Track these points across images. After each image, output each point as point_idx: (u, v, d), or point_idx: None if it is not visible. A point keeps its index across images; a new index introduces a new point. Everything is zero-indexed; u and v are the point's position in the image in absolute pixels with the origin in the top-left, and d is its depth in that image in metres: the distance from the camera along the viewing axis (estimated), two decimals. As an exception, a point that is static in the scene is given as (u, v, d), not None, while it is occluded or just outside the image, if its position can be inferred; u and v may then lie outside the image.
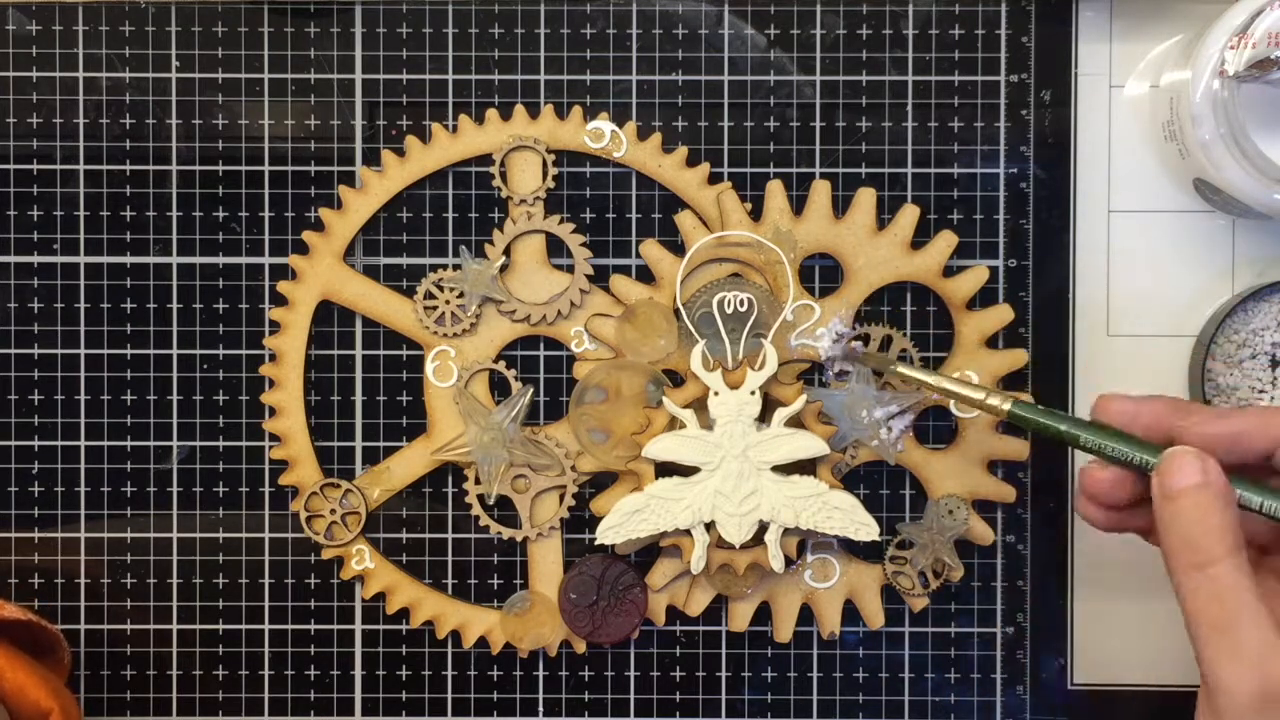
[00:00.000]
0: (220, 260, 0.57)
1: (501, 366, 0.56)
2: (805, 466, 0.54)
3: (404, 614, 0.57)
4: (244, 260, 0.57)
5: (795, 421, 0.54)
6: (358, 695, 0.57)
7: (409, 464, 0.57)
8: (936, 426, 0.56)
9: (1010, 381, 0.56)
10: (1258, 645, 0.42)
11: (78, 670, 0.57)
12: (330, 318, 0.57)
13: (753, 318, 0.55)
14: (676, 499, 0.54)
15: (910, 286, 0.56)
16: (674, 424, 0.54)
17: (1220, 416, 0.47)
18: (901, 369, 0.53)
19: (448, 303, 0.56)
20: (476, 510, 0.56)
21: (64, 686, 0.53)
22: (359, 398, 0.57)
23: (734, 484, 0.53)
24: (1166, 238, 0.57)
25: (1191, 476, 0.45)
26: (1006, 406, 0.50)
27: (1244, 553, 0.44)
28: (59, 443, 0.57)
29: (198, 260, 0.57)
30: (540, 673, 0.57)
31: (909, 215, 0.55)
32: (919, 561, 0.55)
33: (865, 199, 0.55)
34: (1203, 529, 0.44)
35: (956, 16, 0.56)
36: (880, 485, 0.57)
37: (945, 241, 0.55)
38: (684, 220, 0.56)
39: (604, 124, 0.56)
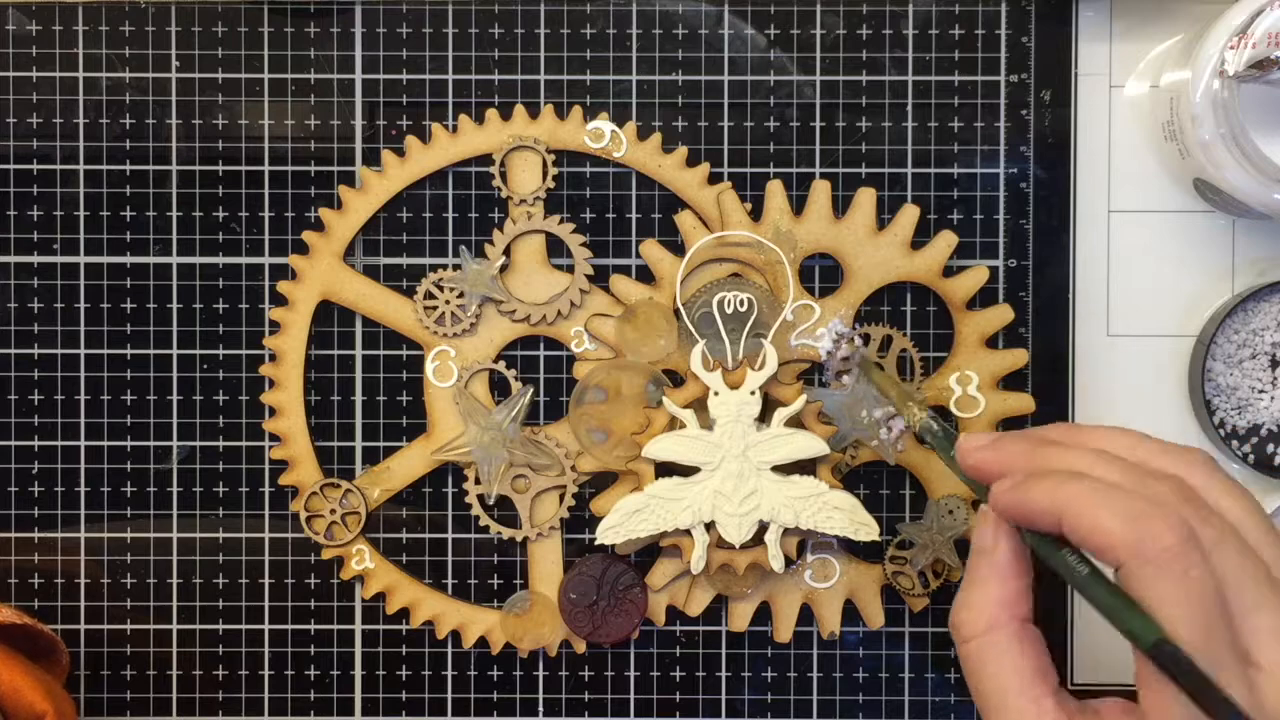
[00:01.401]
0: (220, 260, 0.57)
1: (501, 366, 0.56)
2: (805, 466, 0.54)
3: (404, 614, 0.57)
4: (244, 260, 0.57)
5: (795, 421, 0.54)
6: (358, 695, 0.57)
7: (409, 464, 0.57)
8: (936, 426, 0.56)
9: (1010, 381, 0.56)
10: None
11: (77, 670, 0.57)
12: (330, 318, 0.57)
13: (753, 318, 0.55)
14: (676, 499, 0.54)
15: (910, 286, 0.56)
16: (674, 424, 0.54)
17: (1014, 487, 0.42)
18: (875, 376, 0.53)
19: (448, 303, 0.56)
20: (476, 510, 0.56)
21: (60, 688, 0.53)
22: (359, 398, 0.57)
23: (734, 484, 0.53)
24: (1166, 238, 0.57)
25: (980, 539, 0.43)
26: (920, 415, 0.50)
27: (1012, 625, 0.42)
28: (59, 443, 0.57)
29: (198, 260, 0.57)
30: (540, 673, 0.57)
31: (909, 215, 0.55)
32: (919, 561, 0.55)
33: (865, 199, 0.55)
34: (972, 599, 0.42)
35: (956, 16, 0.56)
36: (880, 485, 0.57)
37: (945, 241, 0.55)
38: (684, 220, 0.56)
39: (604, 124, 0.56)
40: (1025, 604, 0.42)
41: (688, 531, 0.54)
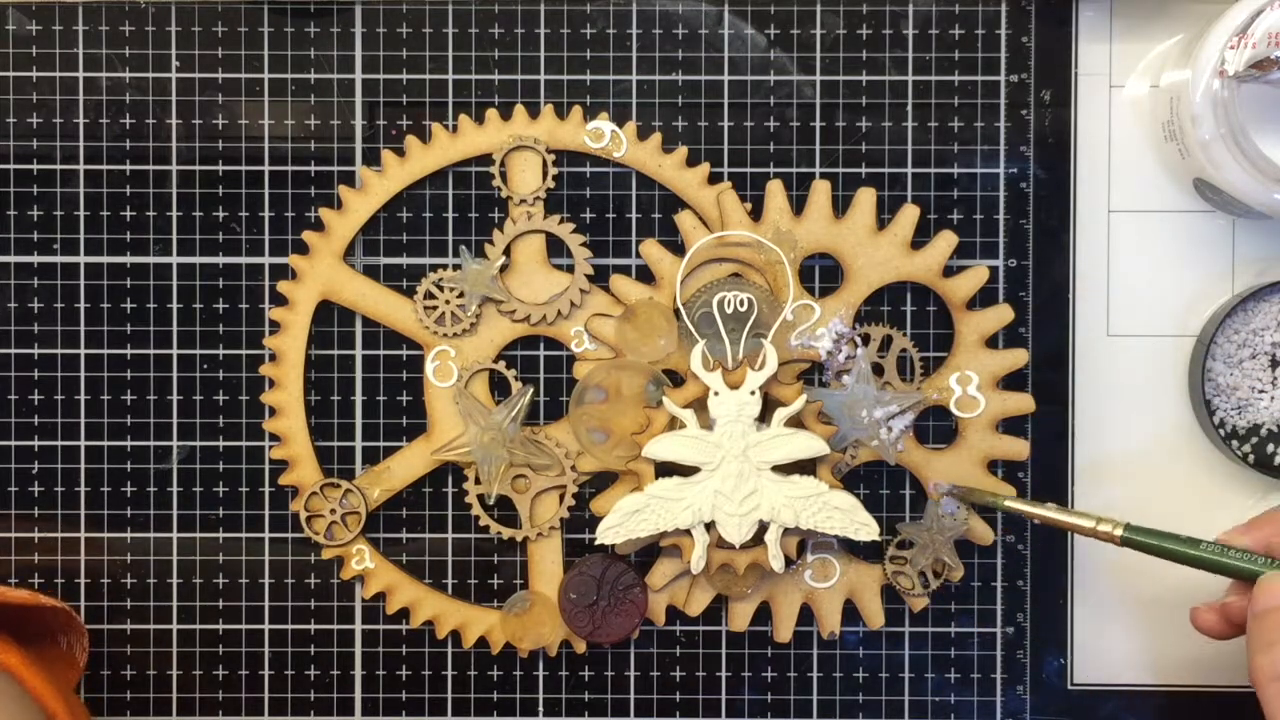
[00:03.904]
0: (220, 260, 0.57)
1: (501, 366, 0.56)
2: (805, 466, 0.54)
3: (404, 614, 0.57)
4: (244, 260, 0.57)
5: (795, 421, 0.54)
6: (358, 695, 0.57)
7: (409, 464, 0.57)
8: (936, 426, 0.56)
9: (1010, 381, 0.56)
10: None
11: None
12: (330, 318, 0.57)
13: (753, 318, 0.55)
14: (676, 499, 0.54)
15: (910, 286, 0.56)
16: (674, 424, 0.54)
17: None
18: (1008, 504, 0.53)
19: (448, 303, 0.56)
20: (476, 510, 0.56)
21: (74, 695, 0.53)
22: (359, 398, 0.57)
23: (734, 484, 0.53)
24: (1166, 238, 0.57)
25: (1273, 599, 0.47)
26: (1119, 533, 0.51)
27: None
28: (59, 443, 0.57)
29: (198, 260, 0.57)
30: (540, 673, 0.57)
31: (909, 215, 0.55)
32: (919, 561, 0.55)
33: (865, 199, 0.55)
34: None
35: (956, 16, 0.56)
36: (880, 485, 0.57)
37: (945, 241, 0.55)
38: (684, 220, 0.56)
39: (604, 124, 0.56)
40: None
41: (688, 531, 0.54)
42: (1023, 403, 0.55)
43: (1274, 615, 0.47)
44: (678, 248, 0.56)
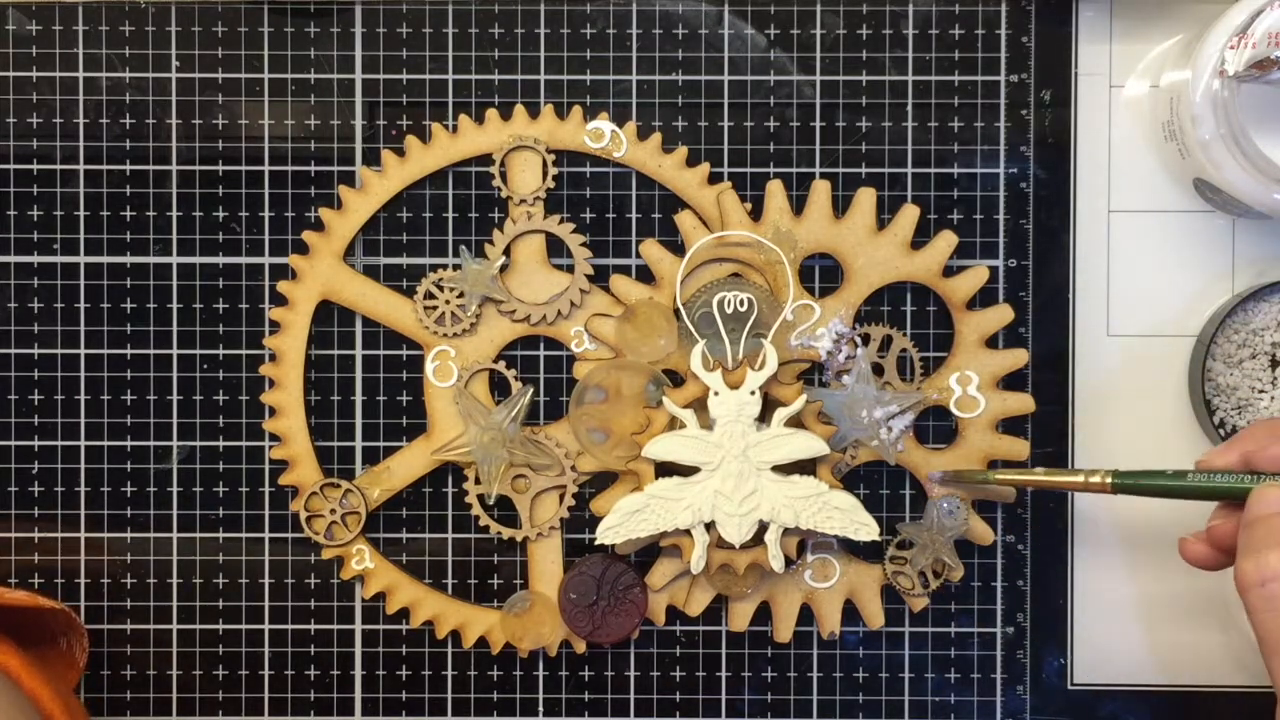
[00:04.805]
0: (220, 260, 0.57)
1: (501, 366, 0.56)
2: (805, 466, 0.54)
3: (404, 614, 0.57)
4: (244, 260, 0.57)
5: (795, 421, 0.54)
6: (358, 695, 0.57)
7: (409, 464, 0.57)
8: (936, 426, 0.56)
9: (1010, 381, 0.56)
10: None
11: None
12: (330, 318, 0.57)
13: (753, 318, 0.55)
14: (676, 499, 0.54)
15: (910, 286, 0.56)
16: (674, 424, 0.54)
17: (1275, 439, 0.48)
18: (998, 476, 0.53)
19: (448, 303, 0.56)
20: (476, 510, 0.56)
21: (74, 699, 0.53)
22: (359, 398, 0.57)
23: (734, 484, 0.53)
24: (1166, 238, 0.57)
25: (1264, 507, 0.47)
26: (1109, 481, 0.51)
27: None
28: (59, 443, 0.57)
29: (198, 260, 0.57)
30: (540, 673, 0.57)
31: (909, 215, 0.55)
32: (919, 561, 0.55)
33: (865, 199, 0.55)
34: (1272, 544, 0.46)
35: (956, 16, 0.56)
36: (880, 485, 0.57)
37: (945, 241, 0.55)
38: (684, 220, 0.56)
39: (604, 124, 0.56)
40: None
41: (688, 531, 0.54)
42: (1023, 403, 0.55)
43: (1263, 523, 0.47)
44: (678, 248, 0.56)
